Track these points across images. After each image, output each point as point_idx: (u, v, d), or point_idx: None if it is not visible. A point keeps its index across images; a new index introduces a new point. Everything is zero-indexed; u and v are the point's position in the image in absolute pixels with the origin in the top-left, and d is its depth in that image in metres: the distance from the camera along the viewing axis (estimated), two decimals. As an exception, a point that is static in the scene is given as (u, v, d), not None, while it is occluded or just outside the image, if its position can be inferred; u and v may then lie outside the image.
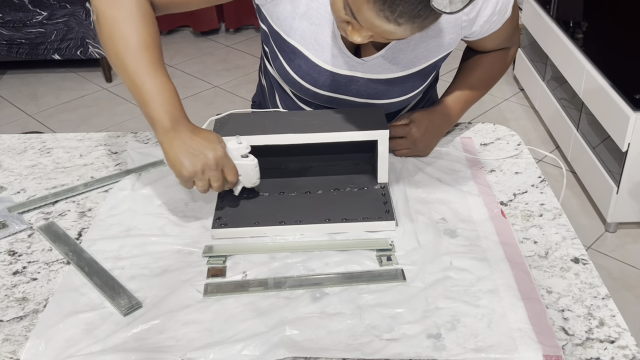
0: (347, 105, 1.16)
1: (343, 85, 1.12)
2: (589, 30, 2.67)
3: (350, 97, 1.14)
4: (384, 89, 1.13)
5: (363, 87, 1.12)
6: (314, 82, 1.12)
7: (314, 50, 1.08)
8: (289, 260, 0.95)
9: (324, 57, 1.08)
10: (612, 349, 0.80)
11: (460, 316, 0.84)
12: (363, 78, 1.11)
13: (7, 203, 1.10)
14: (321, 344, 0.81)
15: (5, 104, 3.39)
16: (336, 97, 1.14)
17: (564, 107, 2.65)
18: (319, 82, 1.12)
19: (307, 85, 1.12)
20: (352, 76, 1.10)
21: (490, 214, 1.03)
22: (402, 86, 1.13)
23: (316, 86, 1.12)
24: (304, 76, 1.11)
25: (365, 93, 1.13)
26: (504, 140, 1.25)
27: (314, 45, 1.07)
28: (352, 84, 1.12)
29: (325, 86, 1.12)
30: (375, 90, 1.13)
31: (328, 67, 1.09)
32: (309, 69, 1.10)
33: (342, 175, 1.11)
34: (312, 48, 1.08)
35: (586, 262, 0.94)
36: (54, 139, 1.30)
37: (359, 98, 1.14)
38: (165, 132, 0.94)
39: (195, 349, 0.80)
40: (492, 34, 1.12)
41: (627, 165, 2.14)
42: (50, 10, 3.35)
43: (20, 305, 0.89)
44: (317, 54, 1.08)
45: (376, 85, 1.12)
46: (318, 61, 1.09)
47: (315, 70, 1.10)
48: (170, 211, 1.06)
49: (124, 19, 0.94)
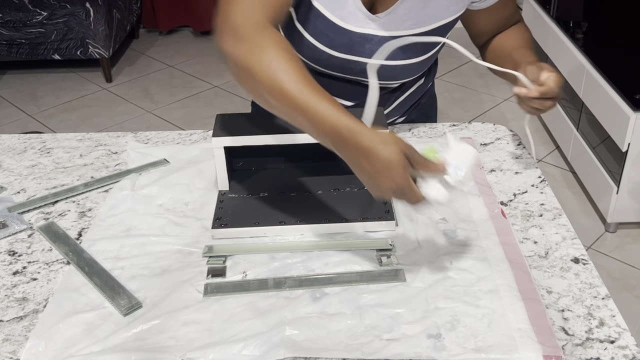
0: (359, 70, 1.17)
1: (358, 44, 1.13)
2: (589, 30, 2.67)
3: (364, 58, 1.15)
4: (397, 49, 1.12)
5: (377, 47, 1.13)
6: (330, 42, 1.13)
7: (332, 8, 1.09)
8: (289, 260, 0.95)
9: (342, 14, 1.10)
10: (612, 349, 0.80)
11: (460, 316, 0.84)
12: (377, 36, 1.12)
13: (7, 203, 1.10)
14: (321, 344, 0.81)
15: (5, 104, 3.39)
16: (350, 59, 1.15)
17: (564, 107, 2.65)
18: (335, 42, 1.13)
19: (322, 47, 1.13)
20: (366, 34, 1.12)
21: (491, 214, 1.03)
22: (415, 46, 1.14)
23: (331, 47, 1.13)
24: (320, 37, 1.12)
25: None
26: (504, 140, 1.25)
27: (332, 3, 1.09)
28: (367, 43, 1.13)
29: (340, 46, 1.13)
30: None
31: (344, 25, 1.10)
32: (325, 29, 1.11)
33: (342, 175, 1.11)
34: (331, 6, 1.09)
35: (586, 262, 0.94)
36: (54, 139, 1.30)
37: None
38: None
39: (195, 349, 0.80)
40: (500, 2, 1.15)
41: (627, 165, 2.14)
42: (50, 10, 3.35)
43: (20, 305, 0.89)
44: (334, 11, 1.09)
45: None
46: (335, 19, 1.10)
47: (332, 29, 1.11)
48: (170, 211, 1.06)
49: (274, 66, 0.84)
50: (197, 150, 1.23)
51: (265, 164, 1.14)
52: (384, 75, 1.18)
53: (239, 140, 1.04)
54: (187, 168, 1.17)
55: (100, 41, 3.41)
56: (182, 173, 1.15)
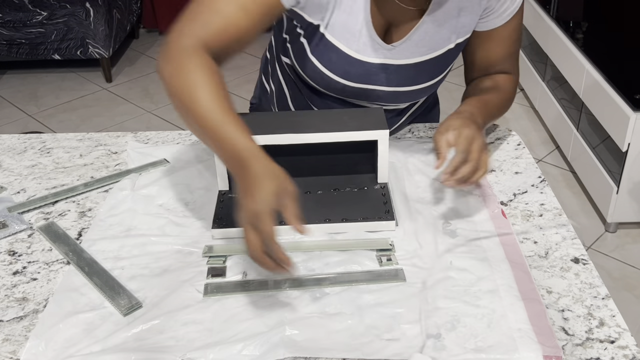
0: (375, 96, 1.17)
1: (374, 74, 1.13)
2: (589, 30, 2.67)
3: (379, 86, 1.15)
4: (413, 74, 1.14)
5: (393, 75, 1.13)
6: (346, 74, 1.13)
7: (346, 41, 1.09)
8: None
9: (357, 46, 1.09)
10: (612, 349, 0.80)
11: (460, 316, 0.84)
12: (393, 65, 1.12)
13: (7, 203, 1.10)
14: (321, 344, 0.81)
15: (5, 104, 3.39)
16: (366, 87, 1.15)
17: (564, 107, 2.65)
18: (351, 73, 1.12)
19: (337, 78, 1.13)
20: (383, 64, 1.12)
21: (491, 214, 1.03)
22: (429, 70, 1.15)
23: (347, 78, 1.13)
24: (336, 69, 1.12)
25: (395, 81, 1.14)
26: (504, 140, 1.25)
27: (346, 36, 1.08)
28: (383, 72, 1.13)
29: (357, 77, 1.13)
30: (405, 77, 1.14)
31: (360, 57, 1.10)
32: (340, 61, 1.11)
33: (342, 175, 1.11)
34: (345, 39, 1.09)
35: (586, 262, 0.94)
36: (54, 139, 1.30)
37: (388, 87, 1.15)
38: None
39: (195, 349, 0.80)
40: (500, 33, 1.13)
41: (627, 165, 2.14)
42: (50, 10, 3.35)
43: (20, 305, 0.89)
44: (349, 44, 1.09)
45: (406, 71, 1.13)
46: (351, 52, 1.10)
47: (347, 61, 1.11)
48: (170, 211, 1.06)
49: (191, 87, 0.90)
50: (197, 150, 1.23)
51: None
52: (397, 99, 1.18)
53: (239, 140, 1.03)
54: (187, 168, 1.17)
55: (100, 41, 3.41)
56: (182, 173, 1.15)
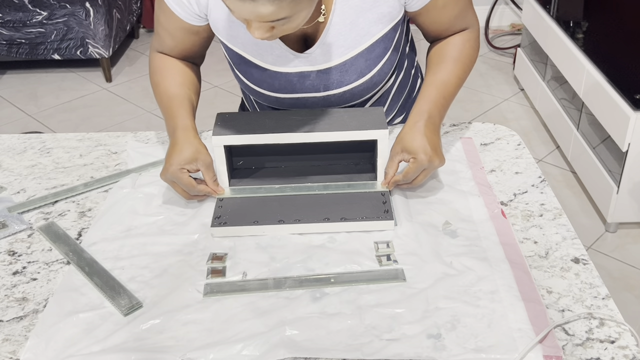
0: (312, 104, 1.16)
1: (297, 83, 1.12)
2: (589, 30, 2.67)
3: (308, 94, 1.14)
4: (338, 76, 1.12)
5: (317, 80, 1.12)
6: (271, 87, 1.13)
7: (259, 55, 1.10)
8: (288, 260, 0.95)
9: (270, 59, 1.10)
10: (612, 349, 0.80)
11: (461, 316, 0.84)
12: (313, 71, 1.11)
13: (7, 203, 1.10)
14: (321, 344, 0.81)
15: (5, 104, 3.39)
16: (297, 97, 1.15)
17: (564, 107, 2.65)
18: (275, 86, 1.13)
19: (266, 92, 1.14)
20: (301, 72, 1.11)
21: (491, 214, 1.03)
22: (355, 69, 1.11)
23: (274, 90, 1.14)
24: (260, 83, 1.13)
25: (321, 85, 1.13)
26: (504, 140, 1.25)
27: (259, 51, 1.09)
28: (306, 80, 1.12)
29: (282, 89, 1.13)
30: (329, 80, 1.12)
31: (278, 69, 1.11)
32: (261, 75, 1.12)
33: (342, 175, 1.11)
34: (257, 53, 1.09)
35: (586, 262, 0.94)
36: (53, 139, 1.30)
37: (318, 92, 1.14)
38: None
39: (195, 349, 0.80)
40: (437, 2, 1.08)
41: (628, 165, 2.13)
42: (50, 10, 3.35)
43: (20, 305, 0.89)
44: (263, 58, 1.10)
45: (328, 75, 1.12)
46: (267, 65, 1.10)
47: (267, 75, 1.11)
48: (170, 211, 1.06)
49: (166, 85, 1.16)
50: (197, 150, 1.23)
51: (265, 163, 1.14)
52: (335, 102, 1.16)
53: (239, 139, 1.04)
54: (187, 168, 1.16)
55: (100, 41, 3.41)
56: (182, 173, 1.15)
